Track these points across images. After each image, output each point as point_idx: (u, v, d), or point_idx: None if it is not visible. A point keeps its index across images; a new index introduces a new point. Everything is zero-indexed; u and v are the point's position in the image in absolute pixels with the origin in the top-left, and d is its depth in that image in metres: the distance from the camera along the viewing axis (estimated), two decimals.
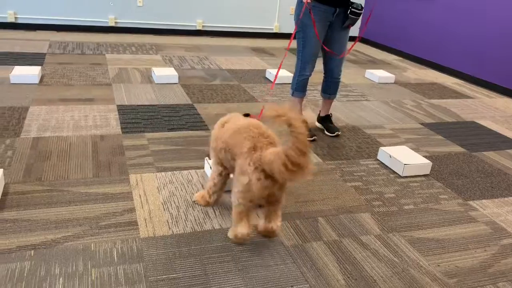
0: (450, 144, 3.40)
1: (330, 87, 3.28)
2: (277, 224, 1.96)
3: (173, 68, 4.46)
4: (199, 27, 6.64)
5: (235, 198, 1.86)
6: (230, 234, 1.98)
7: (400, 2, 6.55)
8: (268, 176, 1.74)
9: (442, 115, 4.10)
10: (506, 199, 2.65)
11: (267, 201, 1.87)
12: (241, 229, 1.89)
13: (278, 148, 1.72)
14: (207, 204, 2.24)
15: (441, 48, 5.89)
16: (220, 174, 2.13)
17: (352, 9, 2.92)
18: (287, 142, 1.62)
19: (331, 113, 3.43)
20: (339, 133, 3.33)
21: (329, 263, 1.92)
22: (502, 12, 5.01)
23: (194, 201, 2.28)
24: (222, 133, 2.04)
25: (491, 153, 3.31)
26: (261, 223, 2.00)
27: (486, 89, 5.19)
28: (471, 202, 2.57)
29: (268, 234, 2.01)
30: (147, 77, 4.34)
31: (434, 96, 4.70)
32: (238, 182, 1.83)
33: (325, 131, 3.38)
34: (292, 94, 3.25)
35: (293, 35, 3.01)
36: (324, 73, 3.28)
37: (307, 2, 2.85)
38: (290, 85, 3.31)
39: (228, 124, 2.07)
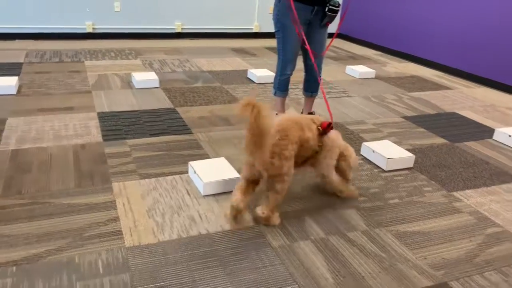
0: (432, 136, 3.43)
1: (311, 85, 3.29)
2: (262, 210, 2.09)
3: (153, 72, 4.42)
4: (178, 30, 6.60)
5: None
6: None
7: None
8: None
9: (423, 107, 4.14)
10: (489, 188, 2.69)
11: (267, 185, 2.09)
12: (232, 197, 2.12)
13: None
14: None
15: (419, 41, 5.95)
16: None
17: (330, 7, 2.93)
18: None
19: (313, 111, 3.43)
20: None
21: (317, 262, 1.92)
22: (478, 4, 5.08)
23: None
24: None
25: (472, 143, 3.35)
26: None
27: (465, 80, 5.26)
28: (455, 193, 2.60)
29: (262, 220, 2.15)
30: (127, 83, 4.29)
31: (414, 89, 4.74)
32: None
33: None
34: (275, 94, 3.25)
35: (332, 40, 3.05)
36: (305, 72, 3.28)
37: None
38: (272, 85, 3.31)
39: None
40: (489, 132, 3.59)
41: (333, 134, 2.31)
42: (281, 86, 3.19)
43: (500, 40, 4.86)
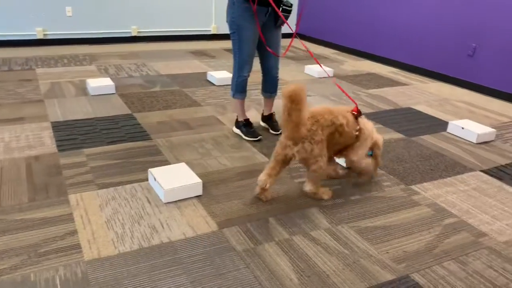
0: (389, 132, 3.51)
1: (270, 86, 3.29)
2: (309, 187, 2.39)
3: (109, 78, 4.30)
4: (134, 34, 6.47)
5: None
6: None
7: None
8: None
9: (380, 104, 4.23)
10: (445, 180, 2.78)
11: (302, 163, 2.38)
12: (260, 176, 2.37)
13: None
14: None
15: (375, 39, 6.09)
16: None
17: (283, 7, 2.94)
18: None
19: (273, 112, 3.44)
20: None
21: (282, 263, 1.92)
22: (432, 1, 5.26)
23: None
24: None
25: (428, 137, 3.45)
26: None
27: (420, 75, 5.43)
28: (413, 187, 2.67)
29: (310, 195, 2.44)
30: (82, 90, 4.16)
31: (371, 86, 4.85)
32: None
33: (270, 130, 3.39)
34: (233, 96, 3.23)
35: (292, 40, 3.10)
36: (262, 73, 3.28)
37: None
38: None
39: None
40: (443, 125, 3.72)
41: (369, 125, 2.53)
42: (239, 88, 3.18)
43: (450, 37, 5.04)
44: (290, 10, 2.97)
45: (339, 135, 2.35)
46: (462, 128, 3.46)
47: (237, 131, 3.30)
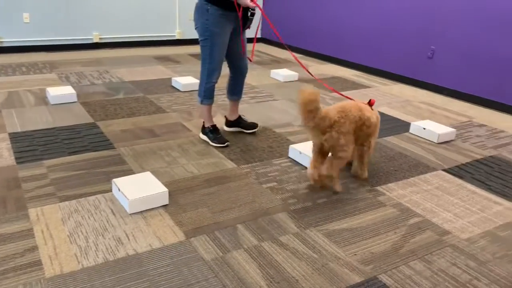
0: None
1: (239, 88, 3.32)
2: (324, 169, 2.55)
3: (70, 86, 4.18)
4: (96, 40, 6.32)
5: None
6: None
7: (295, 0, 6.77)
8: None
9: None
10: (409, 180, 2.84)
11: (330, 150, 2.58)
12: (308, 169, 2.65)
13: None
14: None
15: (338, 43, 6.19)
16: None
17: (251, 11, 2.97)
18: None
19: (243, 115, 3.47)
20: (258, 125, 3.49)
21: (251, 271, 1.91)
22: (392, 4, 5.39)
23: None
24: None
25: (391, 138, 3.53)
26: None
27: (382, 78, 5.55)
28: (378, 188, 2.71)
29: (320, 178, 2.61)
30: (42, 99, 4.02)
31: (335, 89, 4.92)
32: None
33: (245, 130, 3.44)
34: (201, 102, 3.20)
35: (254, 44, 3.12)
36: (231, 74, 3.27)
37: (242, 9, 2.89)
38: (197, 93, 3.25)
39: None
40: (406, 126, 3.81)
41: (377, 113, 2.80)
42: (207, 93, 3.15)
43: (410, 40, 5.18)
44: (255, 14, 3.01)
45: (367, 127, 2.64)
46: (424, 128, 3.55)
47: (204, 137, 3.27)
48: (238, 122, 3.45)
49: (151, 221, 2.23)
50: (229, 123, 3.46)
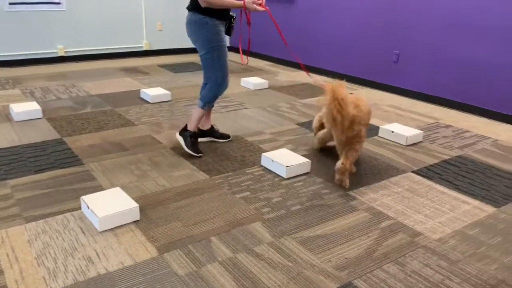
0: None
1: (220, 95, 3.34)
2: (343, 162, 2.76)
3: (35, 102, 4.06)
4: (61, 53, 6.18)
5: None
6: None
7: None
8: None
9: (314, 113, 4.33)
10: (379, 183, 2.88)
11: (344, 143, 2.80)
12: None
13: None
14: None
15: (307, 50, 6.26)
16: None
17: (233, 19, 3.09)
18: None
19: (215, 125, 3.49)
20: (230, 136, 3.54)
21: (226, 284, 1.88)
22: (356, 11, 5.49)
23: None
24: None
25: None
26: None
27: (349, 83, 5.63)
28: (350, 192, 2.74)
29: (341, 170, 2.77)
30: (5, 116, 3.89)
31: (305, 96, 4.96)
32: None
33: (219, 140, 3.45)
34: (203, 107, 3.19)
35: (241, 52, 3.47)
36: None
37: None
38: (199, 99, 3.23)
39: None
40: (375, 130, 3.87)
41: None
42: (214, 99, 3.22)
43: (376, 45, 5.29)
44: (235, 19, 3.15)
45: (369, 118, 2.97)
46: (392, 131, 3.62)
47: (180, 138, 3.22)
48: (211, 132, 3.43)
49: (122, 238, 2.18)
50: (202, 133, 3.43)
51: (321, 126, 3.27)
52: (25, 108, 3.85)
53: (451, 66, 4.58)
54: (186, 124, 3.24)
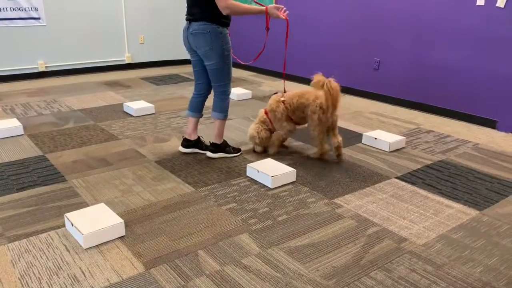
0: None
1: (204, 103, 3.44)
2: (339, 138, 3.32)
3: (15, 118, 4.01)
4: (41, 69, 6.12)
5: (315, 131, 3.27)
6: (316, 154, 3.39)
7: (242, 19, 6.86)
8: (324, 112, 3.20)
9: None
10: (364, 190, 2.90)
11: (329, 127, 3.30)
12: (326, 146, 3.34)
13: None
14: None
15: (289, 60, 6.31)
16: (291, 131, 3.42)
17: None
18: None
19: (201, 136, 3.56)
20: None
21: None
22: (336, 19, 5.57)
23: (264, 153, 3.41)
24: (290, 100, 3.34)
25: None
26: (330, 143, 3.33)
27: None
28: (336, 200, 2.75)
29: (339, 146, 3.32)
30: None
31: None
32: (313, 120, 3.24)
33: (204, 151, 3.44)
34: (225, 117, 3.31)
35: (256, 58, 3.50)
36: (203, 91, 3.38)
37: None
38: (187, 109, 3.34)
39: (290, 95, 3.37)
40: (358, 137, 3.91)
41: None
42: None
43: (356, 53, 5.37)
44: None
45: None
46: (375, 138, 3.66)
47: (220, 154, 3.38)
48: (197, 143, 3.42)
49: (108, 254, 2.15)
50: (187, 143, 3.42)
51: (267, 134, 3.41)
52: (5, 125, 3.79)
53: (431, 72, 4.67)
54: (212, 142, 3.35)
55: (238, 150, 3.46)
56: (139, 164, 3.24)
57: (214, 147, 3.36)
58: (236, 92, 5.17)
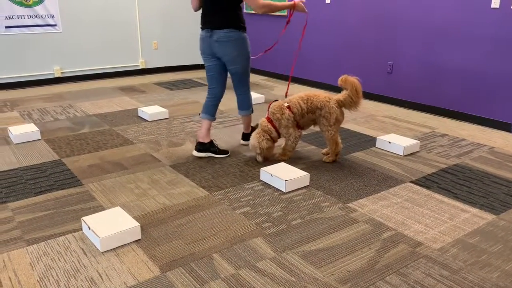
0: (321, 152, 3.62)
1: (217, 106, 3.58)
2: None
3: (33, 124, 4.08)
4: (57, 74, 6.22)
5: (331, 131, 3.31)
6: (331, 156, 3.42)
7: (255, 24, 6.90)
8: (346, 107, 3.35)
9: None
10: (379, 194, 2.89)
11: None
12: (341, 145, 3.40)
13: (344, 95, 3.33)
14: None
15: (302, 64, 6.32)
16: (298, 137, 3.44)
17: None
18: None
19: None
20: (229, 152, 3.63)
21: None
22: (351, 24, 5.56)
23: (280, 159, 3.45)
24: (297, 105, 3.34)
25: (359, 154, 3.60)
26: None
27: None
28: (350, 204, 2.75)
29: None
30: (4, 139, 3.91)
31: None
32: (329, 120, 3.31)
33: (218, 155, 3.52)
34: (252, 111, 3.64)
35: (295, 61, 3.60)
36: (218, 94, 3.48)
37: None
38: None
39: (293, 100, 3.37)
40: (372, 141, 3.90)
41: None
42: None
43: (370, 57, 5.35)
44: None
45: None
46: (389, 142, 3.64)
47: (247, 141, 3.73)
48: (210, 146, 3.45)
49: (125, 257, 2.18)
50: (201, 146, 3.44)
51: (268, 144, 3.35)
52: (23, 130, 3.87)
53: (444, 75, 4.63)
54: (244, 133, 3.76)
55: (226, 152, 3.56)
56: (154, 168, 3.27)
57: (246, 138, 3.75)
58: None
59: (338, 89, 5.83)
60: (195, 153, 3.48)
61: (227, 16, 3.08)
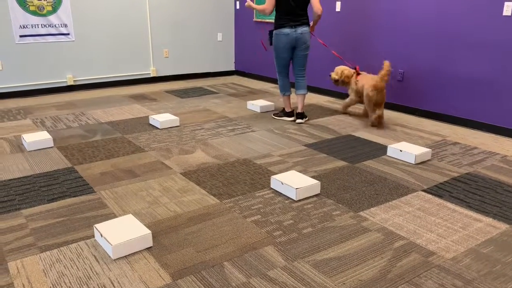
0: (333, 160, 3.61)
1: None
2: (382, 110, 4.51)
3: (45, 131, 4.14)
4: (70, 83, 6.30)
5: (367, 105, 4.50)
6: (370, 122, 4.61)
7: (261, 31, 6.93)
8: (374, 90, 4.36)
9: (321, 133, 4.36)
10: (390, 203, 2.88)
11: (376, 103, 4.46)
12: (374, 114, 4.50)
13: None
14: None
15: (311, 71, 6.33)
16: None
17: None
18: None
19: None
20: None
21: None
22: (358, 31, 5.56)
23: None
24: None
25: (370, 162, 3.58)
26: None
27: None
28: (361, 213, 2.74)
29: (380, 117, 4.50)
30: (17, 146, 3.96)
31: (312, 116, 5.00)
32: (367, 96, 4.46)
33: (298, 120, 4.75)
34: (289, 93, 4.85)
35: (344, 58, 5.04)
36: (287, 75, 4.77)
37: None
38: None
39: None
40: (383, 149, 3.88)
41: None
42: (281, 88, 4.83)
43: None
44: None
45: None
46: (400, 150, 3.63)
47: (302, 119, 4.79)
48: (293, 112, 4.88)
49: (136, 265, 2.19)
50: (290, 113, 4.88)
51: (350, 73, 4.87)
52: (36, 138, 3.92)
53: (455, 83, 4.61)
54: (298, 112, 4.74)
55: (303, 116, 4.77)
56: (165, 176, 3.29)
57: (302, 116, 4.74)
58: (259, 104, 5.21)
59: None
60: (299, 121, 4.74)
61: (306, 16, 4.46)
